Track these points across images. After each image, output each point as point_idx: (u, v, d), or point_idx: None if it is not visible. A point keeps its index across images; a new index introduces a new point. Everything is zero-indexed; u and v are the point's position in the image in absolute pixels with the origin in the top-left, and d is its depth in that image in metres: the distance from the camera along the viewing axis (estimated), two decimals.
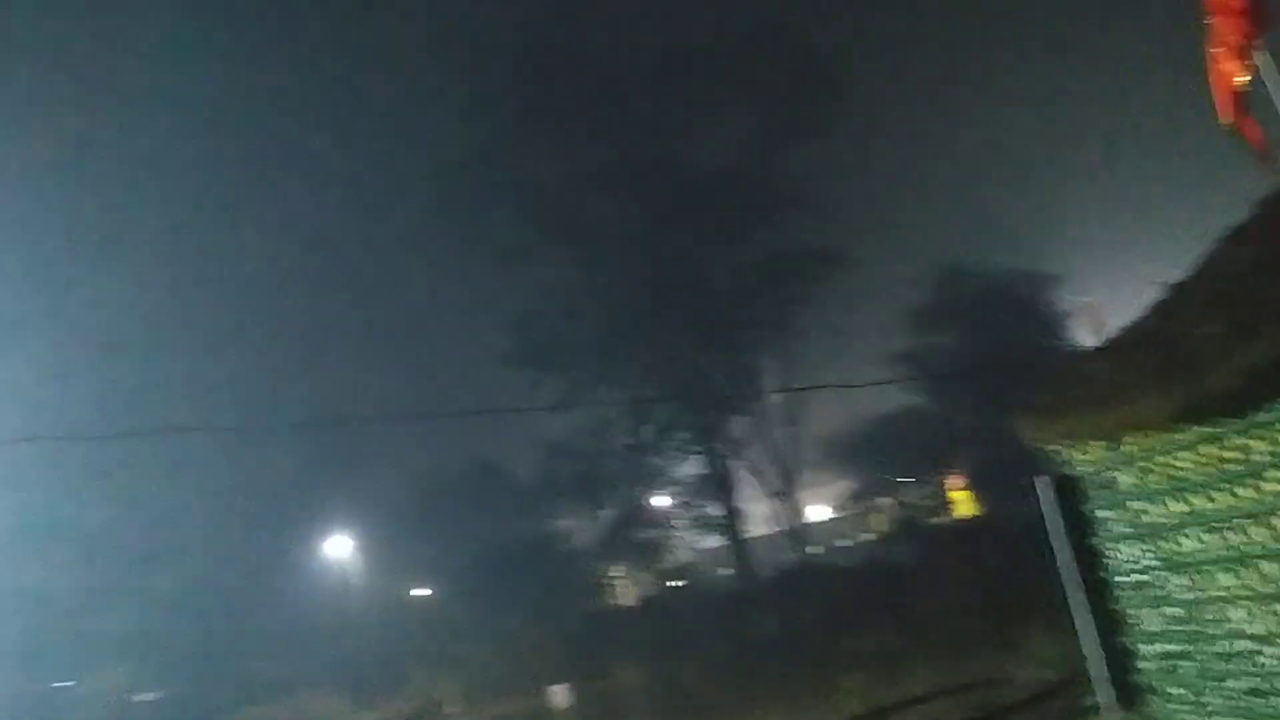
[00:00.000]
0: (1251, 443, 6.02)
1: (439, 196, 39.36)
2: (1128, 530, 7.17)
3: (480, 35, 40.78)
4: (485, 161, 38.70)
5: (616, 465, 41.95)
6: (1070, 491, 7.53)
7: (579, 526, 44.34)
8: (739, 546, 40.06)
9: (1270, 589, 6.10)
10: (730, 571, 41.81)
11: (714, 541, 43.04)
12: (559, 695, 23.91)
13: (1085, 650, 7.46)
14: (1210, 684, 6.69)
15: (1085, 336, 24.82)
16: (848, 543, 42.93)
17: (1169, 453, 6.58)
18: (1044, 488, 7.59)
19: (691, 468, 42.02)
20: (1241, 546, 6.26)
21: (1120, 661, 7.34)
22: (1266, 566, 6.11)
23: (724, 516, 40.56)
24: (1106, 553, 7.38)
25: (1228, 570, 6.42)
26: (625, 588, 45.74)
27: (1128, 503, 7.12)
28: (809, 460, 43.09)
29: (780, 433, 42.21)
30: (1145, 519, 6.99)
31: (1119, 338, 7.08)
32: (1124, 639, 7.36)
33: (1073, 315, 33.50)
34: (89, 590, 35.19)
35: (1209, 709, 6.74)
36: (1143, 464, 6.85)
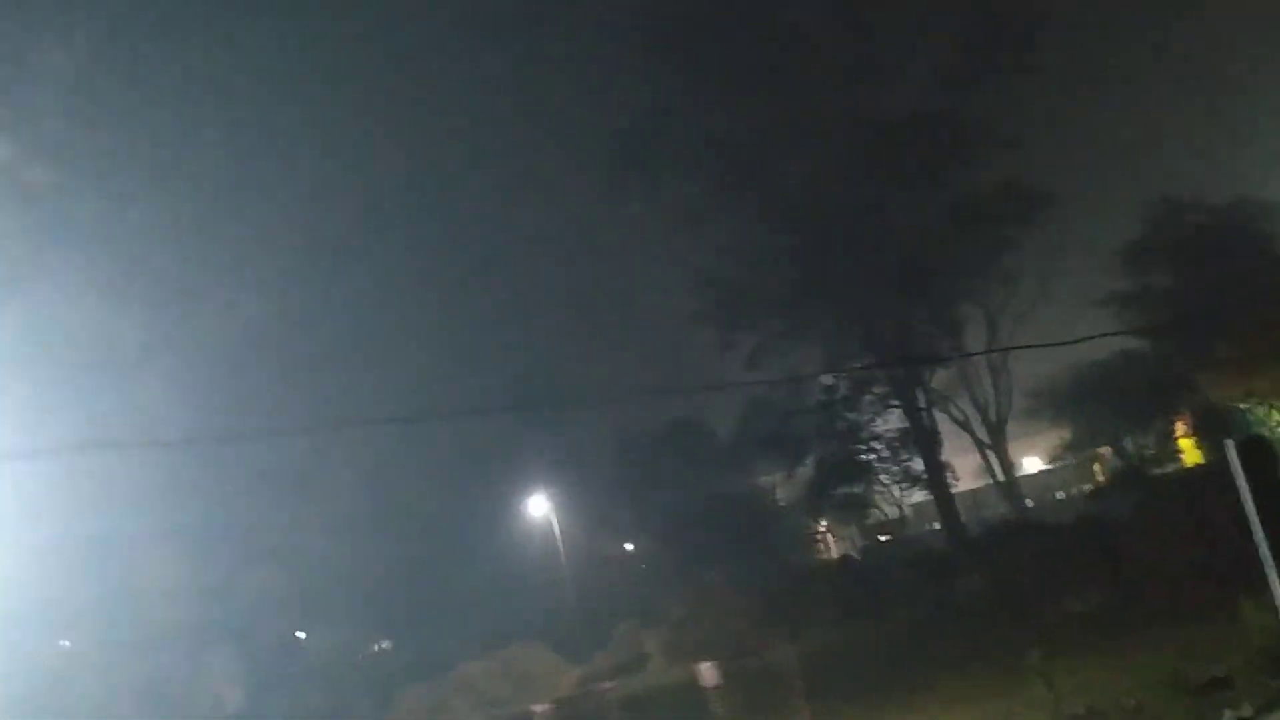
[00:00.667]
0: None
1: (616, 159, 39.18)
2: None
3: None
4: (662, 120, 38.25)
5: (816, 420, 41.22)
6: (1261, 453, 6.64)
7: (781, 482, 44.02)
8: (946, 501, 38.65)
9: None
10: (938, 526, 40.48)
11: (920, 496, 41.76)
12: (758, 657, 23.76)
13: None
14: None
15: None
16: (1063, 495, 40.76)
17: None
18: (1232, 451, 6.73)
19: (894, 421, 40.84)
20: None
21: None
22: None
23: (930, 470, 39.18)
24: None
25: None
26: (830, 544, 45.16)
27: None
28: (1019, 409, 41.11)
29: (987, 382, 40.45)
30: None
31: None
32: None
33: None
34: (329, 553, 37.79)
35: None
36: None
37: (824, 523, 45.91)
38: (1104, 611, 17.76)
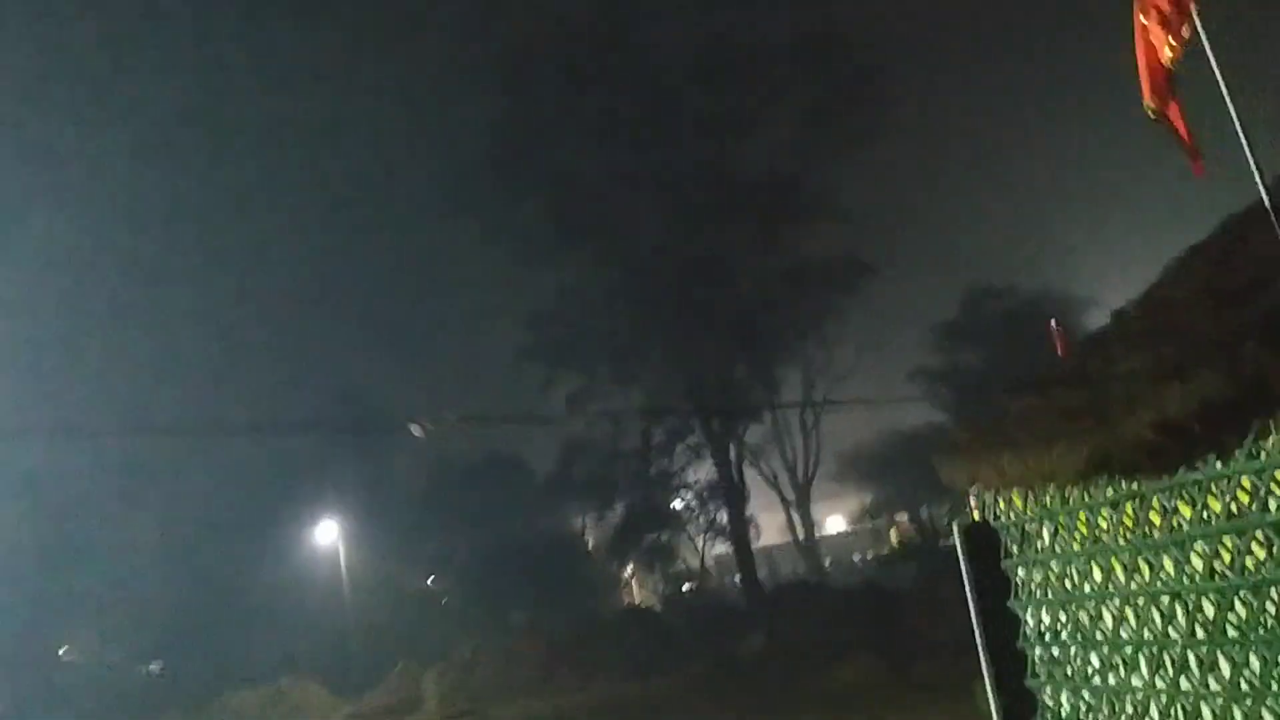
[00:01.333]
0: (1182, 506, 4.88)
1: (461, 190, 38.45)
2: (1044, 595, 6.02)
3: (513, 26, 39.74)
4: (512, 156, 37.74)
5: (630, 466, 41.00)
6: (988, 543, 6.38)
7: (591, 526, 43.50)
8: (746, 555, 38.84)
9: (1188, 687, 4.95)
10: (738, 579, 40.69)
11: (724, 548, 41.92)
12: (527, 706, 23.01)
13: None
14: None
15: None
16: (859, 558, 41.59)
17: (1090, 509, 5.45)
18: (959, 536, 6.45)
19: (706, 473, 40.99)
20: (1161, 630, 5.11)
21: None
22: (1184, 655, 4.96)
23: (734, 524, 39.36)
24: (1026, 618, 6.24)
25: (1148, 657, 5.26)
26: (633, 591, 44.78)
27: (1047, 563, 5.98)
28: (827, 472, 41.93)
29: (798, 442, 41.14)
30: (1062, 583, 5.84)
31: (1049, 373, 5.95)
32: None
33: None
34: (102, 566, 35.06)
35: None
36: (1062, 519, 5.71)
37: (630, 569, 45.59)
38: (873, 682, 17.75)
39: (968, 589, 6.45)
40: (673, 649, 27.51)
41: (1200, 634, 4.89)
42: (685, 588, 42.07)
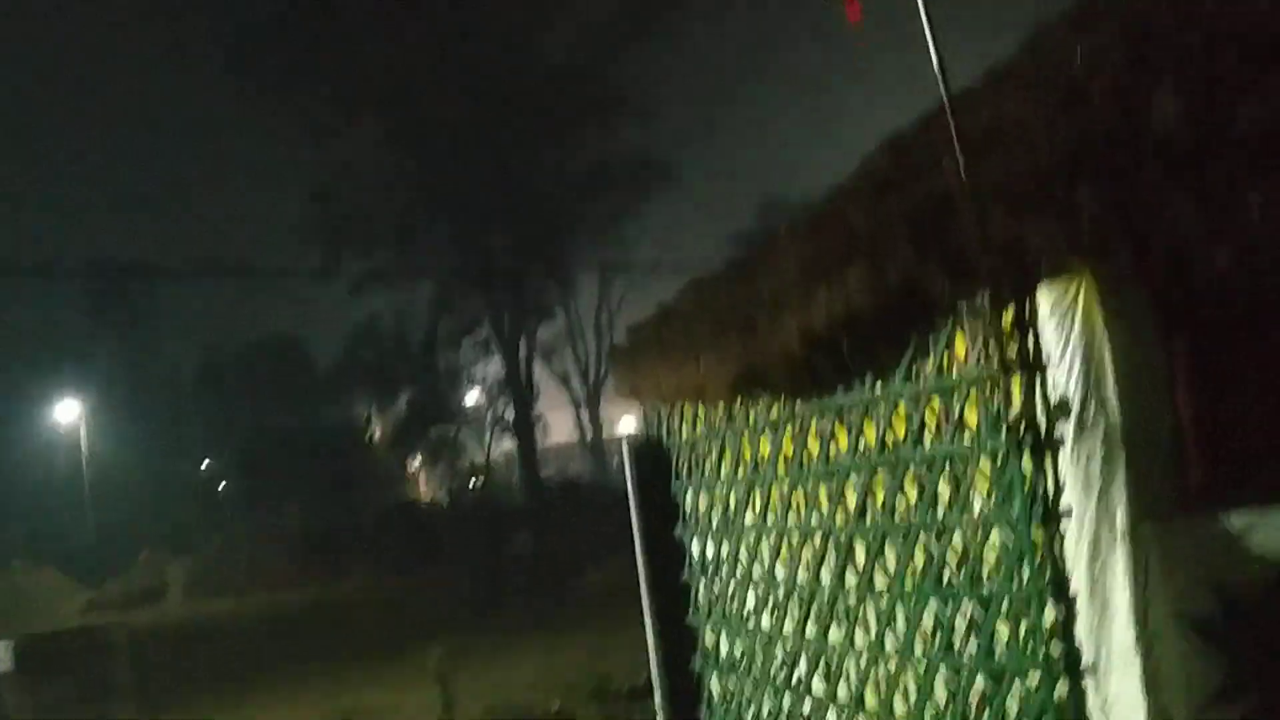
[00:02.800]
0: (839, 430, 4.10)
1: (247, 54, 35.05)
2: (708, 524, 5.24)
3: None
4: (299, 25, 34.57)
5: (417, 358, 39.46)
6: (657, 463, 5.55)
7: (373, 417, 41.91)
8: (530, 453, 38.20)
9: (836, 638, 4.26)
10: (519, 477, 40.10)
11: (510, 445, 41.17)
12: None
13: (652, 677, 5.57)
14: None
15: None
16: None
17: (750, 431, 4.65)
18: (627, 454, 5.59)
19: (495, 369, 39.93)
20: (813, 573, 4.38)
21: (684, 693, 5.48)
22: (834, 602, 4.26)
23: (519, 421, 38.55)
24: (691, 548, 5.47)
25: (800, 601, 4.54)
26: (418, 487, 43.66)
27: (712, 488, 5.18)
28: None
29: (591, 342, 40.55)
30: (726, 513, 5.07)
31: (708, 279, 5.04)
32: (693, 661, 5.50)
33: None
34: None
35: None
36: (725, 441, 4.91)
37: (415, 463, 44.36)
38: (622, 585, 17.27)
39: (632, 513, 5.64)
40: (443, 546, 26.65)
41: (851, 580, 4.19)
42: (471, 484, 41.19)
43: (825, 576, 4.32)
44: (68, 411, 32.95)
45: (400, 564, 24.82)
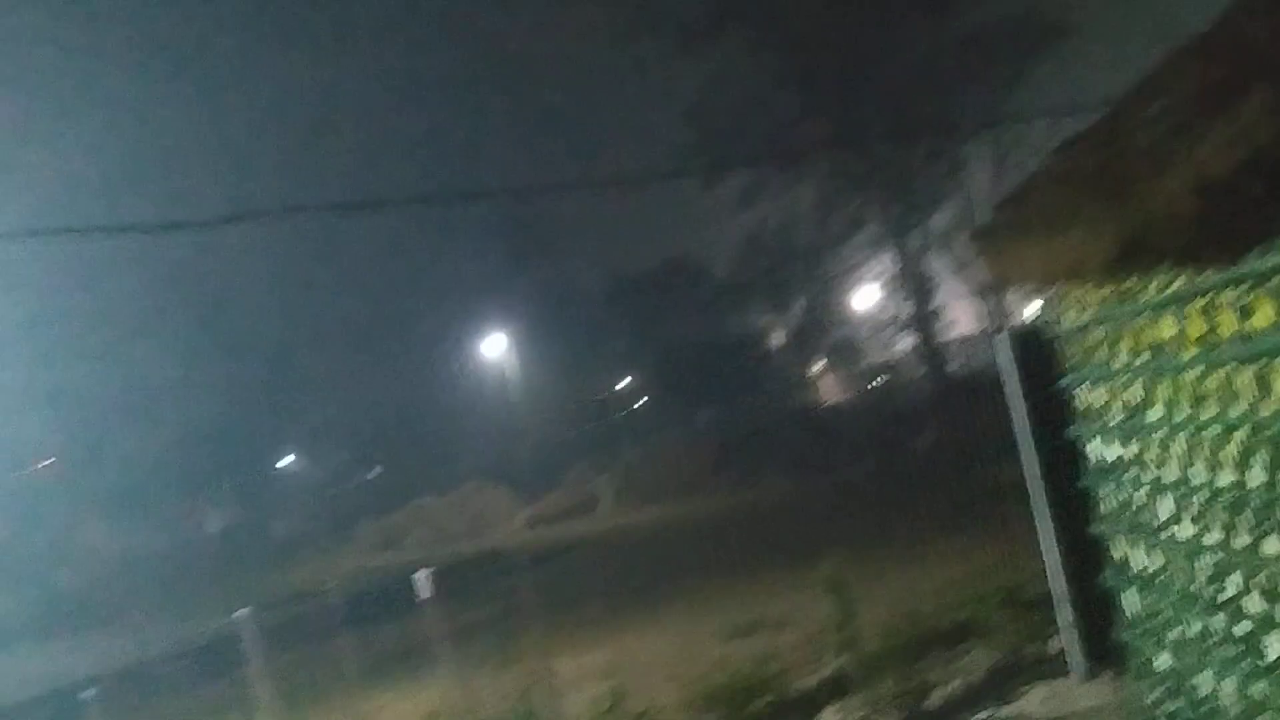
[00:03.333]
0: (1263, 304, 3.35)
1: None
2: (1109, 422, 4.58)
3: None
4: None
5: (809, 260, 39.31)
6: (1042, 355, 4.94)
7: (769, 325, 42.45)
8: (932, 349, 36.87)
9: (1273, 551, 3.56)
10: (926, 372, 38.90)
11: (912, 342, 40.03)
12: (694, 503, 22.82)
13: (1051, 588, 5.05)
14: (1201, 662, 4.22)
15: None
16: None
17: (1148, 312, 3.94)
18: (1002, 347, 5.03)
19: (889, 263, 38.79)
20: (1239, 475, 3.68)
21: (1096, 607, 4.90)
22: (1268, 509, 3.55)
23: (919, 317, 37.28)
24: (1089, 451, 4.83)
25: (1224, 508, 3.84)
26: (815, 390, 43.82)
27: (1111, 381, 4.51)
28: None
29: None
30: (1128, 408, 4.39)
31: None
32: (1103, 576, 4.89)
33: None
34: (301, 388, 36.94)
35: (1199, 694, 4.29)
36: (1115, 326, 4.23)
37: (817, 367, 44.54)
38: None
39: (1014, 412, 5.07)
40: (844, 447, 26.62)
41: None
42: (872, 384, 40.73)
43: (1255, 478, 3.59)
44: (496, 343, 36.44)
45: (804, 467, 25.07)
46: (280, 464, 38.71)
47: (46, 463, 42.40)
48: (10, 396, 33.36)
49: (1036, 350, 4.92)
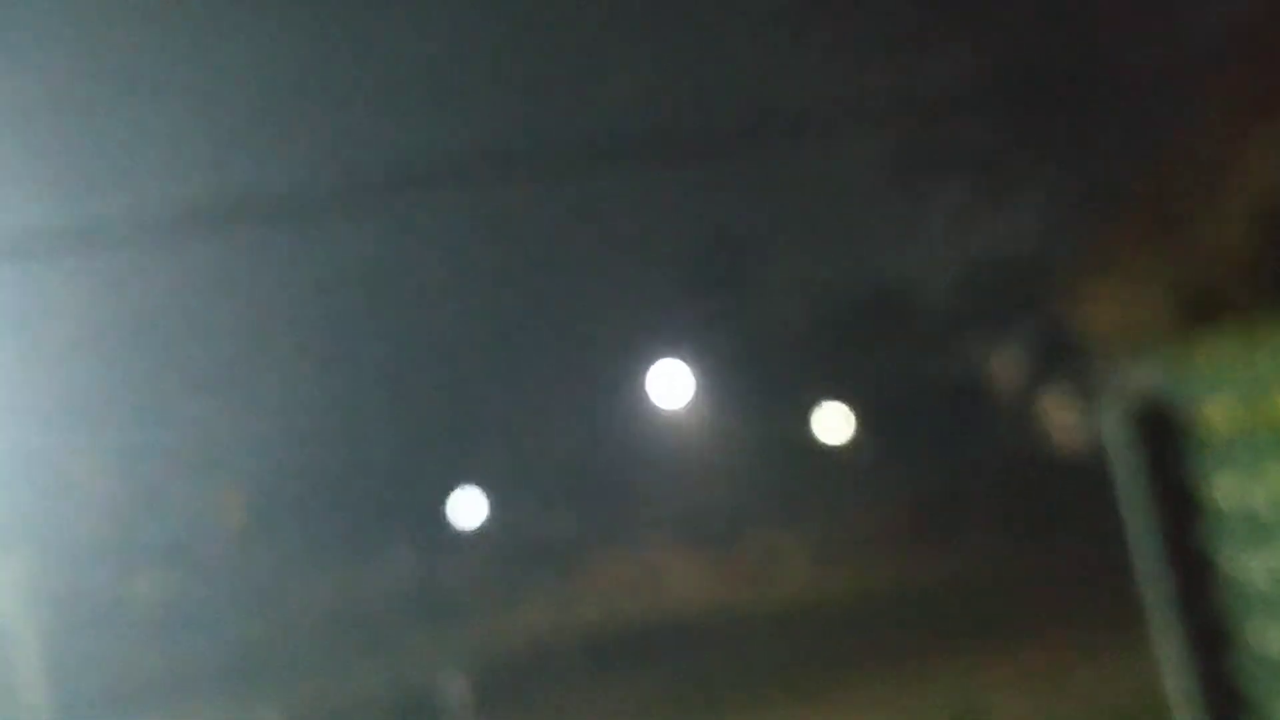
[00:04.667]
0: None
1: None
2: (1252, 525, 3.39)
3: None
4: None
5: (1034, 288, 36.73)
6: (1165, 433, 3.77)
7: (992, 360, 39.92)
8: None
9: None
10: None
11: None
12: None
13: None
14: None
15: None
16: None
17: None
18: (1111, 424, 3.90)
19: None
20: None
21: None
22: None
23: None
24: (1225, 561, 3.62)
25: None
26: (1046, 433, 40.93)
27: (1251, 469, 3.33)
28: None
29: None
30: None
31: None
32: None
33: None
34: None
35: None
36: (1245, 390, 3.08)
37: (1051, 407, 41.65)
38: None
39: (1132, 511, 3.88)
40: (1078, 506, 24.40)
41: None
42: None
43: None
44: (675, 376, 35.19)
45: (1027, 529, 23.07)
46: (452, 510, 39.60)
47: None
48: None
49: (1156, 427, 3.73)
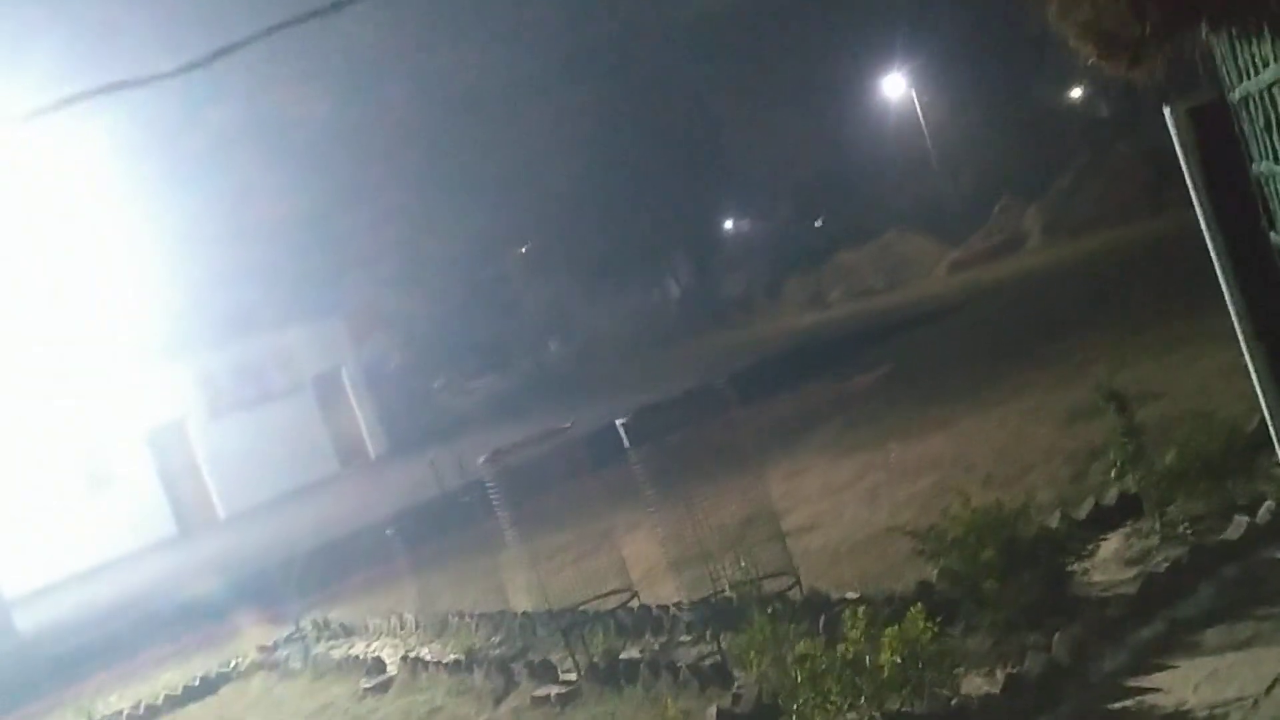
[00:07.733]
0: None
1: None
2: None
3: None
4: None
5: None
6: (1224, 132, 3.75)
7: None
8: None
9: None
10: None
11: None
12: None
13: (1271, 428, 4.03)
14: None
15: None
16: None
17: None
18: (1177, 123, 3.90)
19: None
20: None
21: None
22: None
23: None
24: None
25: None
26: None
27: None
28: None
29: None
30: None
31: None
32: None
33: None
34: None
35: None
36: None
37: None
38: None
39: (1201, 210, 3.90)
40: None
41: None
42: None
43: None
44: (894, 86, 33.88)
45: None
46: (726, 225, 40.53)
47: (523, 249, 47.70)
48: (488, 192, 36.76)
49: (1219, 127, 3.68)
